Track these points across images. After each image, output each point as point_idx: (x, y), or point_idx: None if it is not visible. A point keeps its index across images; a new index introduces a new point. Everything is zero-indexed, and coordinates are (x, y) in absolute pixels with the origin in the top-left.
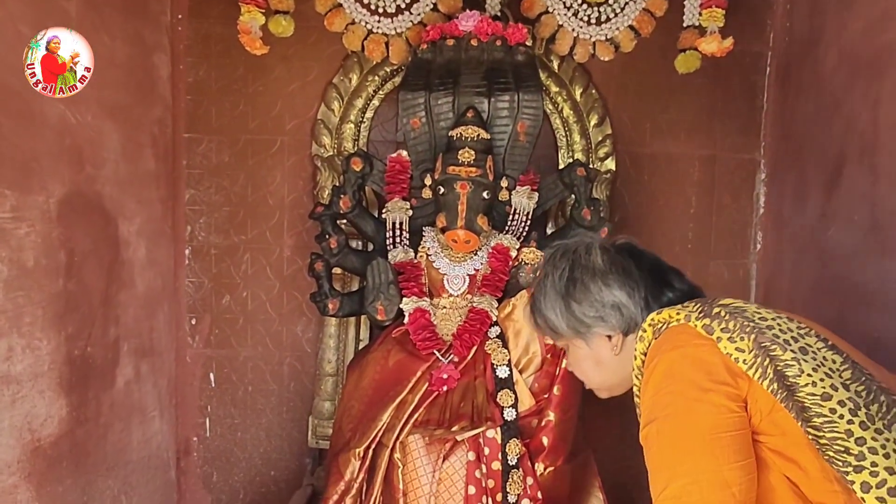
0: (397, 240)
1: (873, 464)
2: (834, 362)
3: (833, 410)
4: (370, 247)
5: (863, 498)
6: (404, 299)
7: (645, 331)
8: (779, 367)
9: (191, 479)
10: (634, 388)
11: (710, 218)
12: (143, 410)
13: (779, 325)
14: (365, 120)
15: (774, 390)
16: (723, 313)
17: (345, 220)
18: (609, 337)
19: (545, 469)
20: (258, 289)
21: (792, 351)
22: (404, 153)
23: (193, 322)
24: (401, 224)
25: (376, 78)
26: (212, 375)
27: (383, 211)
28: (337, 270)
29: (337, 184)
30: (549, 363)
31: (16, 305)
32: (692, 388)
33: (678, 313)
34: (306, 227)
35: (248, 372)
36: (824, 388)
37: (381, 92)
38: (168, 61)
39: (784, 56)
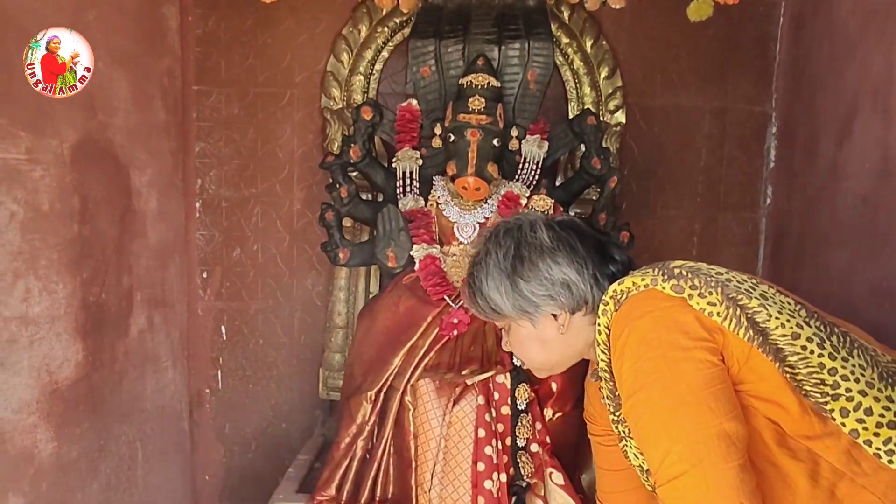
0: (407, 189)
1: (847, 389)
2: (790, 304)
3: (804, 347)
4: (380, 198)
5: (843, 423)
6: (415, 246)
7: (607, 303)
8: (749, 315)
9: (203, 430)
10: (601, 363)
11: (719, 171)
12: (157, 360)
13: (734, 277)
14: (374, 72)
15: (751, 337)
16: (684, 272)
17: (355, 171)
18: (555, 316)
19: (554, 414)
20: (268, 242)
21: (755, 298)
22: (414, 102)
23: (204, 275)
24: (411, 173)
25: (385, 29)
26: (223, 328)
27: (393, 160)
28: (347, 223)
29: (346, 136)
30: None
31: (32, 248)
32: (673, 349)
33: (642, 279)
34: (316, 180)
35: (259, 325)
36: (791, 328)
37: (390, 43)
38: (177, 13)
39: (798, 5)
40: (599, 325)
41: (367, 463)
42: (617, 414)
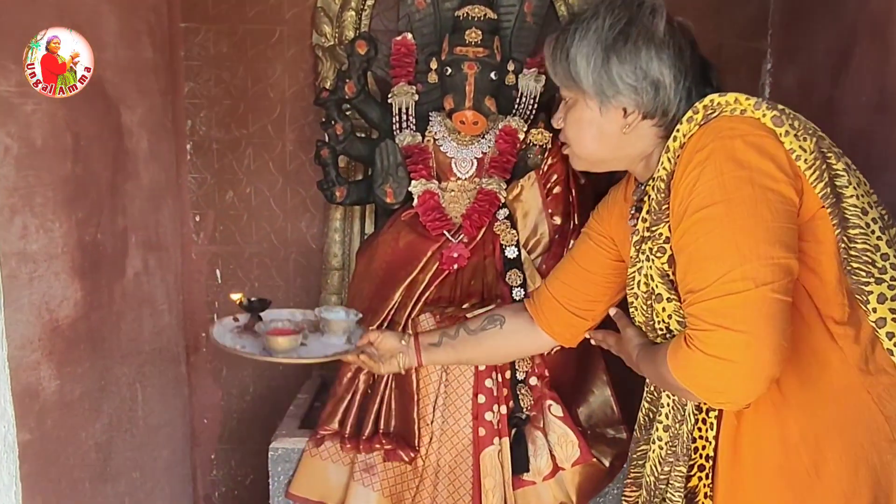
0: (403, 125)
1: (892, 278)
2: (866, 185)
3: (867, 225)
4: (375, 135)
5: (875, 308)
6: (413, 182)
7: (697, 111)
8: (832, 174)
9: (201, 374)
10: (660, 172)
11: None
12: (153, 303)
13: (827, 137)
14: (366, 7)
15: (826, 195)
16: (787, 110)
17: (350, 107)
18: (626, 111)
19: (552, 349)
20: (261, 184)
21: (842, 162)
22: (409, 36)
23: (197, 218)
24: (407, 109)
25: None
26: (218, 272)
27: (389, 96)
28: (342, 162)
29: (339, 70)
30: (557, 244)
31: (27, 184)
32: (762, 176)
33: (746, 99)
34: (308, 120)
35: (254, 268)
36: (863, 203)
37: None
38: None
39: None
40: (679, 131)
41: (369, 397)
42: (653, 229)
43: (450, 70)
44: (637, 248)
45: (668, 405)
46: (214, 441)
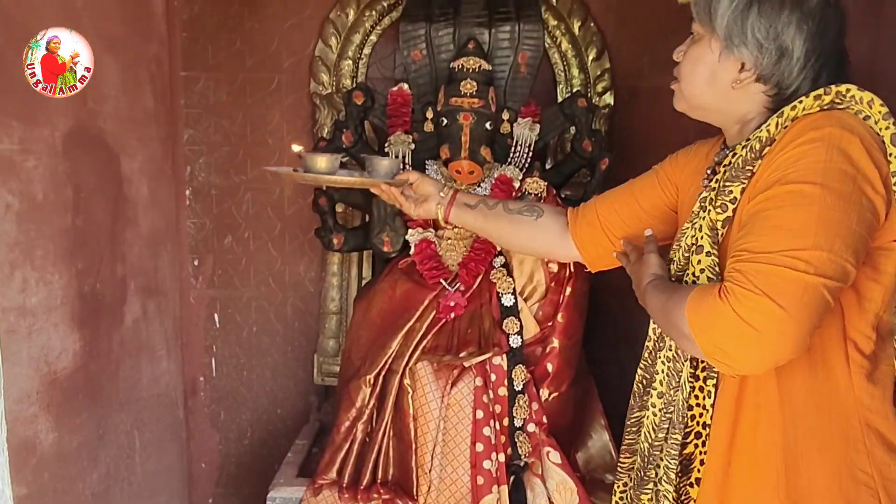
0: None
1: None
2: None
3: None
4: None
5: None
6: (409, 230)
7: (828, 94)
8: None
9: (198, 417)
10: (762, 133)
11: None
12: (152, 349)
13: None
14: (363, 56)
15: None
16: None
17: (347, 156)
18: (743, 65)
19: (550, 395)
20: (260, 229)
21: None
22: (405, 86)
23: (196, 263)
24: (404, 157)
25: (373, 12)
26: (216, 316)
27: (385, 145)
28: (339, 208)
29: (336, 120)
30: (552, 291)
31: (28, 238)
32: (865, 183)
33: (882, 107)
34: None
35: (253, 312)
36: None
37: (378, 27)
38: None
39: None
40: (801, 103)
41: (367, 446)
42: (726, 185)
43: (446, 120)
44: (701, 203)
45: (663, 371)
46: (212, 486)
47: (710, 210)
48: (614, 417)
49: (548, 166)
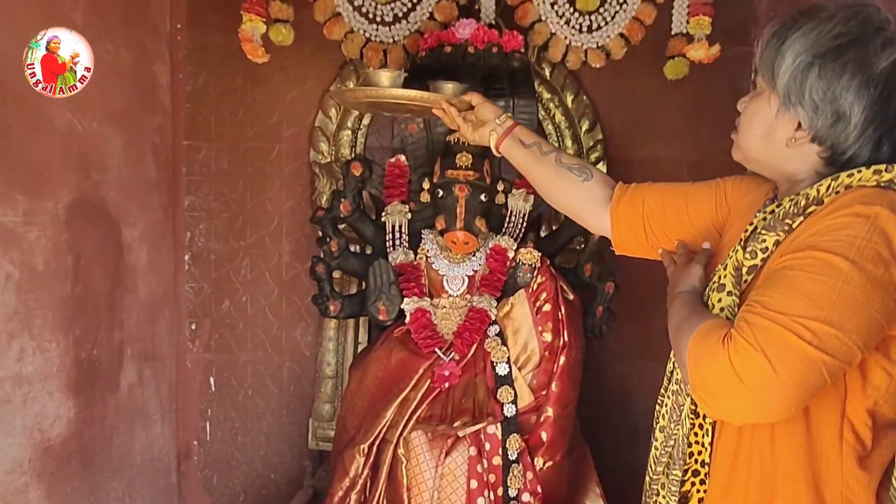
0: (397, 242)
1: None
2: None
3: None
4: (369, 250)
5: None
6: (405, 299)
7: (890, 171)
8: None
9: (191, 482)
10: (811, 192)
11: None
12: (146, 414)
13: None
14: (362, 127)
15: None
16: None
17: (345, 224)
18: (799, 124)
19: (544, 464)
20: (257, 293)
21: None
22: (403, 158)
23: (194, 327)
24: (400, 227)
25: None
26: (212, 380)
27: (383, 214)
28: (336, 274)
29: (335, 189)
30: (546, 360)
31: (27, 308)
32: (893, 267)
33: None
34: (304, 232)
35: (248, 376)
36: None
37: None
38: (168, 70)
39: None
40: (860, 173)
41: None
42: (762, 232)
43: (442, 192)
44: (745, 237)
45: (667, 405)
46: None
47: (738, 251)
48: (607, 484)
49: (543, 233)
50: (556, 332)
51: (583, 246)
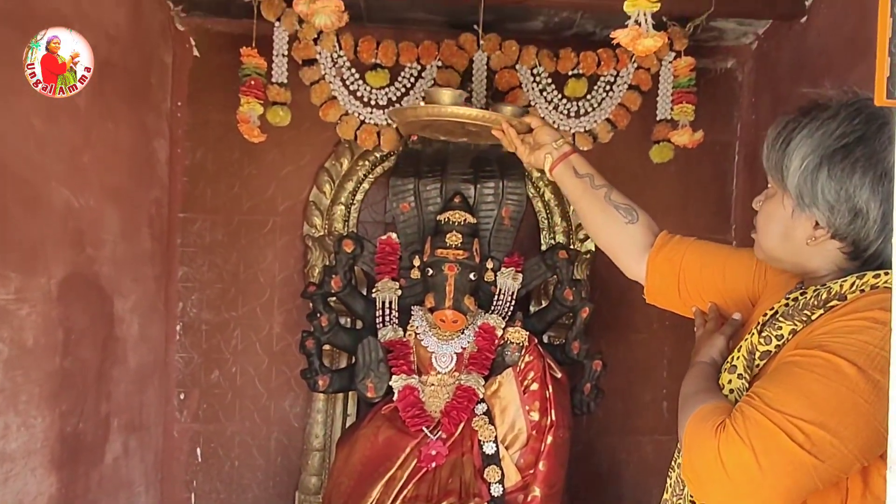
0: (386, 318)
1: None
2: None
3: None
4: (359, 324)
5: None
6: (394, 377)
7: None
8: None
9: None
10: (832, 287)
11: None
12: (130, 486)
13: None
14: (355, 202)
15: None
16: None
17: (335, 299)
18: (817, 224)
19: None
20: (247, 364)
21: None
22: (394, 236)
23: (182, 397)
24: (390, 303)
25: (366, 163)
26: (198, 450)
27: (373, 290)
28: (326, 347)
29: (327, 263)
30: (534, 439)
31: (14, 384)
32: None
33: None
34: (296, 304)
35: (235, 447)
36: None
37: (371, 176)
38: (167, 145)
39: (751, 145)
40: (886, 275)
41: None
42: (781, 318)
43: (431, 270)
44: (765, 321)
45: (672, 477)
46: None
47: (754, 334)
48: None
49: (532, 309)
50: (544, 411)
51: (571, 323)
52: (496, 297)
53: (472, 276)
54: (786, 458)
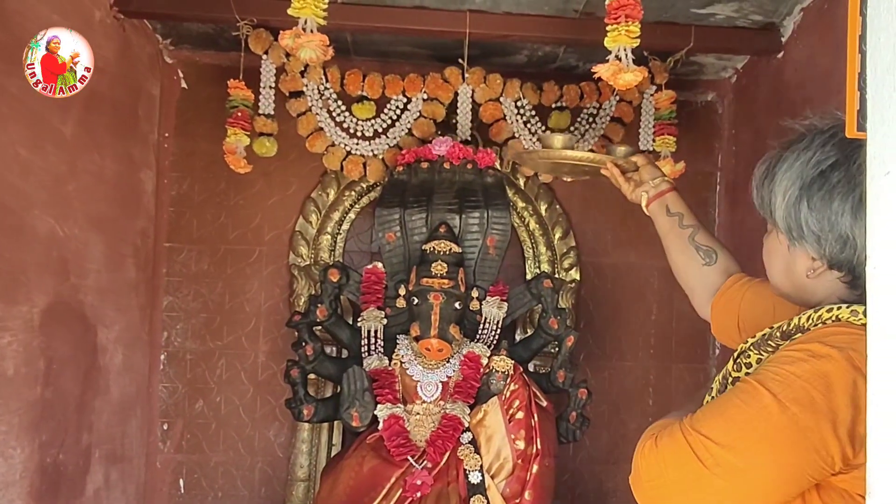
0: (372, 347)
1: None
2: None
3: None
4: (345, 353)
5: None
6: (379, 406)
7: (858, 314)
8: None
9: None
10: (812, 315)
11: (670, 324)
12: None
13: None
14: (341, 231)
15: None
16: None
17: (321, 328)
18: (813, 258)
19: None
20: (232, 393)
21: None
22: (380, 265)
23: (165, 427)
24: (375, 332)
25: (353, 193)
26: (181, 481)
27: (359, 319)
28: (311, 376)
29: (313, 292)
30: (520, 468)
31: None
32: (828, 422)
33: None
34: (281, 333)
35: (219, 477)
36: None
37: (357, 206)
38: (153, 176)
39: (732, 175)
40: (839, 310)
41: None
42: (752, 349)
43: (417, 300)
44: (742, 346)
45: None
46: None
47: (730, 361)
48: None
49: (518, 337)
50: (530, 439)
51: (556, 351)
52: (481, 325)
53: (457, 305)
54: (691, 476)
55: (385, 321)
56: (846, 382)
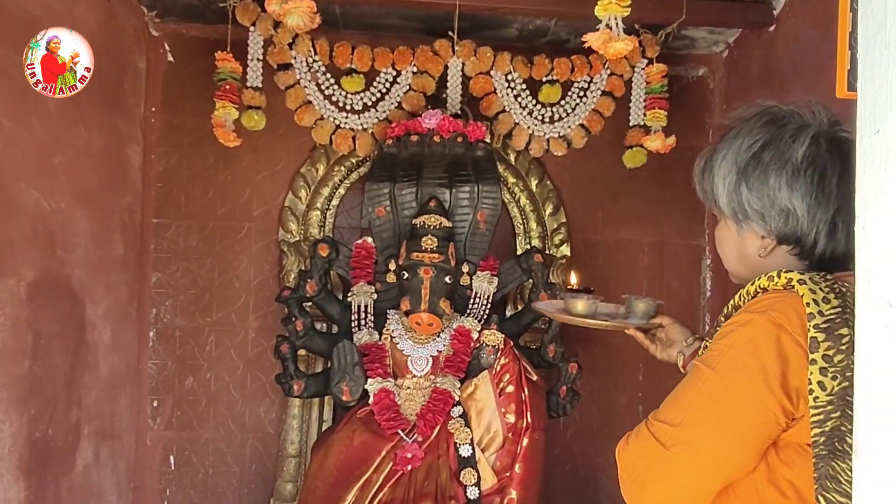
0: (362, 322)
1: None
2: None
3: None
4: (335, 329)
5: None
6: (369, 380)
7: (778, 277)
8: (842, 430)
9: None
10: (728, 307)
11: (660, 300)
12: (101, 495)
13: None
14: (331, 207)
15: (818, 444)
16: (844, 342)
17: (311, 303)
18: (762, 237)
19: None
20: (222, 370)
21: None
22: (370, 240)
23: (155, 404)
24: (366, 307)
25: (342, 168)
26: (172, 458)
27: (349, 294)
28: (301, 352)
29: (303, 268)
30: (510, 441)
31: None
32: (763, 381)
33: (826, 303)
34: (271, 309)
35: (210, 454)
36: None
37: (346, 181)
38: (140, 151)
39: None
40: (759, 280)
41: None
42: (709, 338)
43: (407, 274)
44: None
45: None
46: None
47: (706, 342)
48: None
49: (508, 312)
50: (520, 413)
51: (547, 327)
52: (472, 300)
53: (447, 279)
54: (655, 460)
55: (375, 296)
56: (771, 340)
